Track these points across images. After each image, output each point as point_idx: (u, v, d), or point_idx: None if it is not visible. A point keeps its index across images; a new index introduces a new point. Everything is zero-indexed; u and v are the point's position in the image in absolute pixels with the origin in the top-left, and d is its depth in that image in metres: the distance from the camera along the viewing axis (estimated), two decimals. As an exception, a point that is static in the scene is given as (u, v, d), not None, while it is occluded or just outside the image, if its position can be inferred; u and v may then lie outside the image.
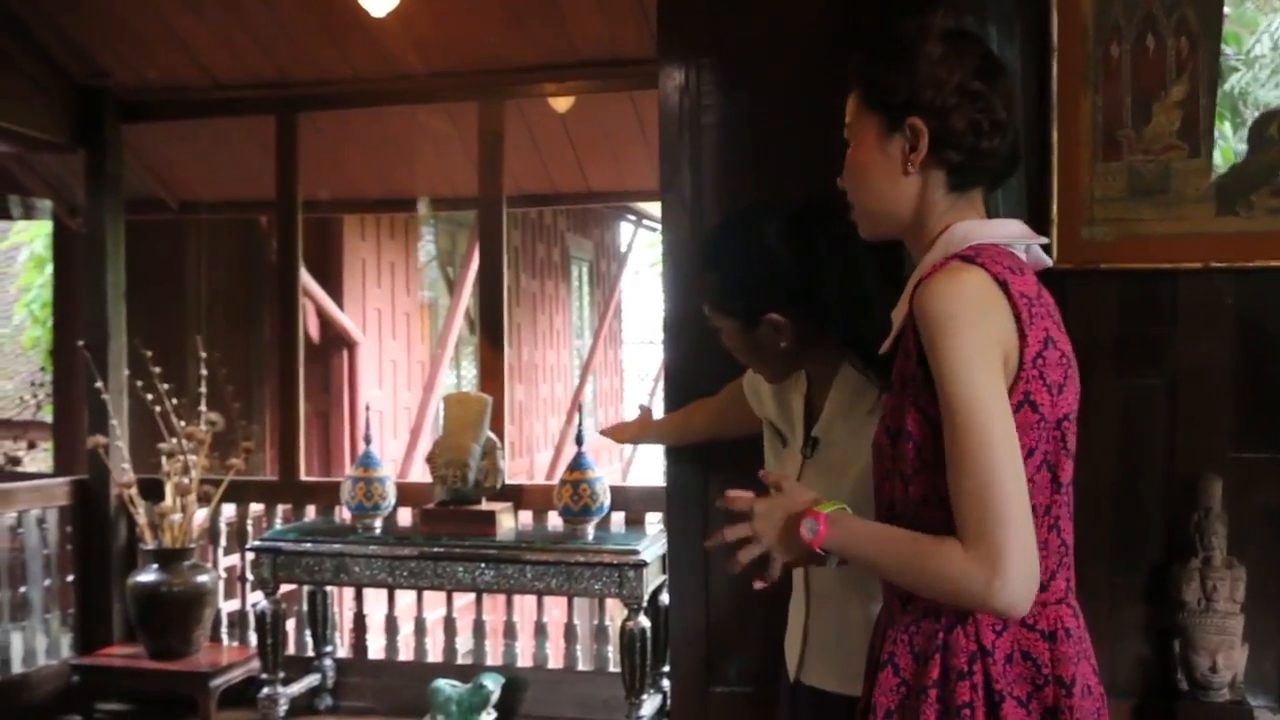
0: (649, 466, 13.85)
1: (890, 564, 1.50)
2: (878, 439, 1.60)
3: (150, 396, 4.59)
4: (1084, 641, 1.56)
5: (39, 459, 9.16)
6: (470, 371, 9.36)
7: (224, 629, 4.82)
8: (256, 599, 4.27)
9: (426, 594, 4.51)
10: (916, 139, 1.58)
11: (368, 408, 4.94)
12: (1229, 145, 2.79)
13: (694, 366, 2.95)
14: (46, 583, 4.74)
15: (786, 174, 2.81)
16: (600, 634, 4.49)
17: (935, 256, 1.57)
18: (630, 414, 2.95)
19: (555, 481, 4.29)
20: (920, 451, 1.49)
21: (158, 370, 4.60)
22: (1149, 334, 2.70)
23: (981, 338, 1.45)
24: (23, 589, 4.66)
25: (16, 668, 4.59)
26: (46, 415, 9.12)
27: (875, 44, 1.66)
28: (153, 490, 4.62)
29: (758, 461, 2.31)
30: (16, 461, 9.57)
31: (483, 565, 3.94)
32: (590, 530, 4.04)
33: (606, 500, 4.07)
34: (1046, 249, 1.67)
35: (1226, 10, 2.69)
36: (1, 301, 11.83)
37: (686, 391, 2.91)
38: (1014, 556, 1.37)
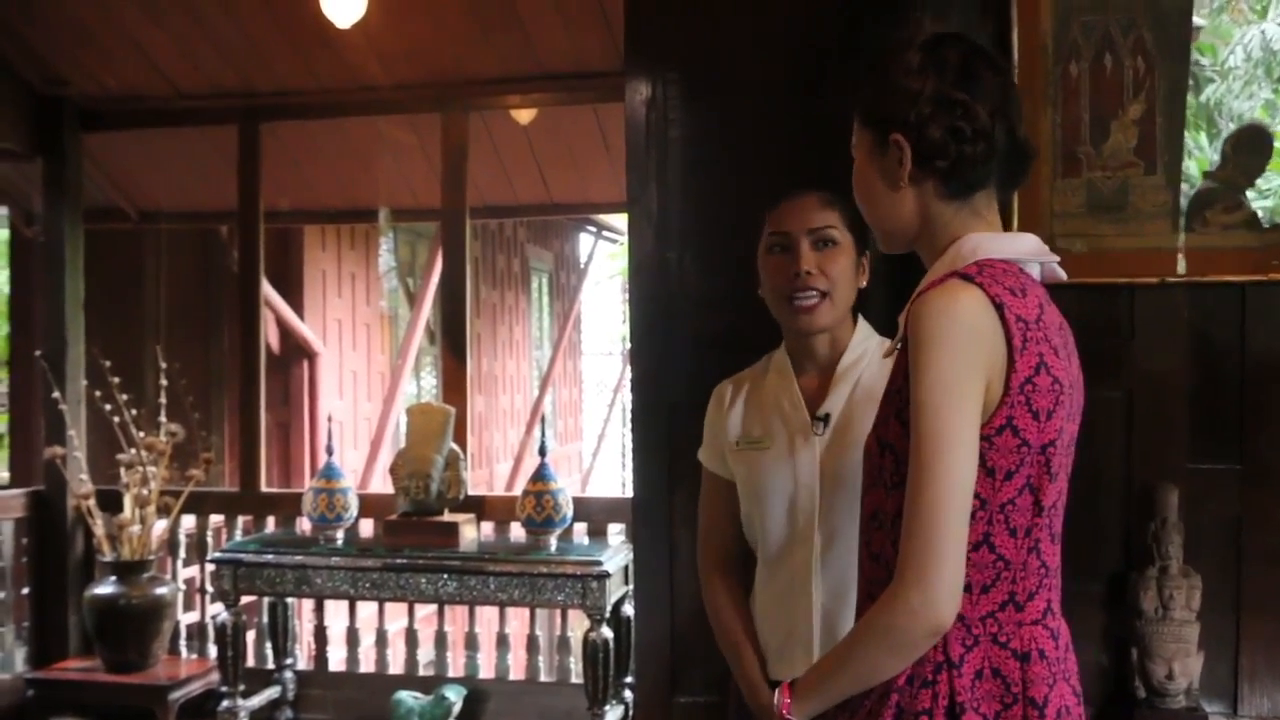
0: (608, 478, 13.88)
1: (850, 669, 1.54)
2: (868, 445, 1.62)
3: (109, 407, 4.54)
4: (1063, 663, 1.56)
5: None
6: (430, 382, 9.33)
7: (183, 641, 4.77)
8: (216, 611, 4.24)
9: (388, 605, 4.49)
10: (900, 153, 1.58)
11: (330, 419, 4.92)
12: (1204, 156, 2.86)
13: (660, 377, 2.98)
14: (1, 595, 4.68)
15: (754, 187, 2.83)
16: (563, 645, 4.49)
17: (941, 269, 1.57)
18: (589, 424, 2.92)
19: (515, 492, 4.28)
20: (900, 467, 1.50)
21: (116, 380, 4.55)
22: (1107, 347, 2.75)
23: (963, 363, 1.45)
24: (-23, 601, 4.60)
25: (-30, 681, 4.53)
26: (1, 425, 9.00)
27: (867, 60, 1.68)
28: (111, 501, 4.57)
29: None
30: (-30, 473, 9.43)
31: (445, 576, 3.94)
32: (553, 541, 4.05)
33: (569, 511, 4.08)
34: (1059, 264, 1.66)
35: (1202, 22, 2.76)
36: (-48, 310, 11.65)
37: (653, 401, 2.94)
38: (939, 575, 1.42)
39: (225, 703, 4.13)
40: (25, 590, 4.80)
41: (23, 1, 4.49)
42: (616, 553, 3.94)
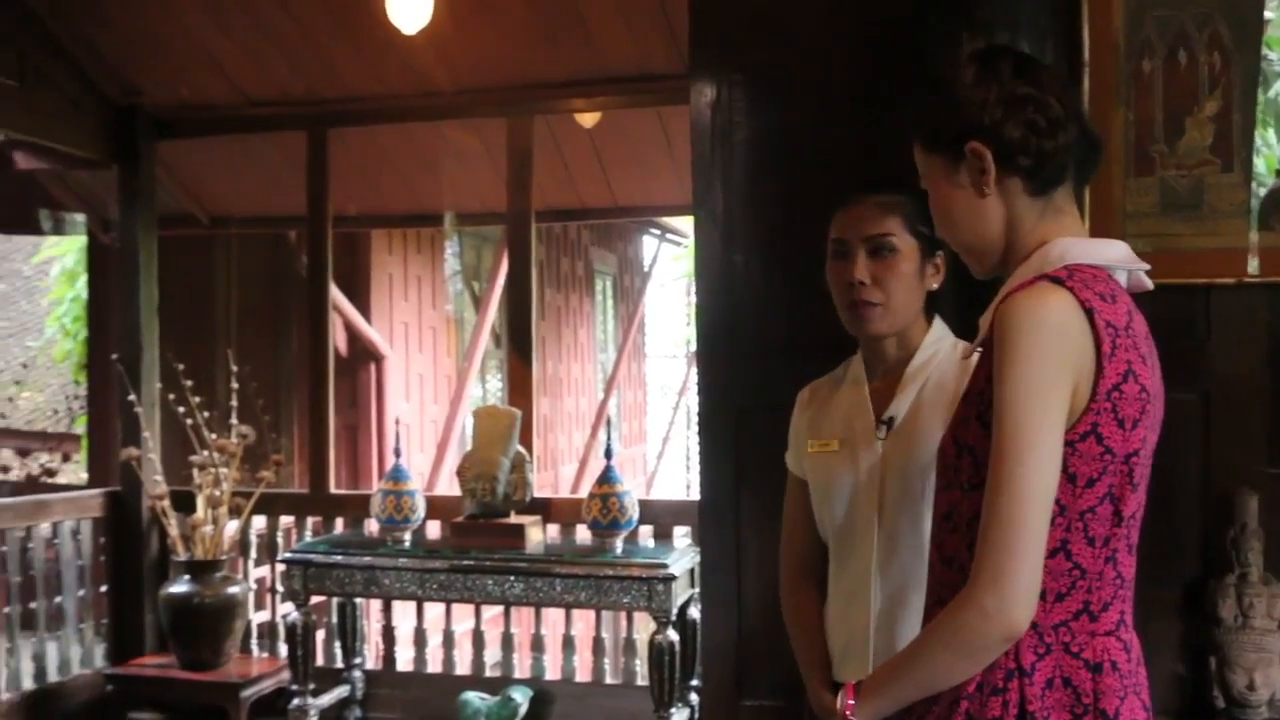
0: (672, 481, 13.87)
1: (918, 671, 1.53)
2: (944, 445, 1.61)
3: (182, 409, 4.64)
4: (1134, 676, 1.54)
5: (70, 471, 9.27)
6: (496, 385, 9.39)
7: (254, 640, 4.85)
8: (287, 610, 4.30)
9: (455, 606, 4.52)
10: (981, 161, 1.58)
11: (397, 421, 4.97)
12: (1273, 153, 2.78)
13: (726, 380, 2.97)
14: (81, 593, 4.79)
15: (818, 190, 2.82)
16: (628, 647, 4.50)
17: (1029, 271, 1.55)
18: (654, 428, 2.91)
19: (580, 495, 4.30)
20: (979, 469, 1.49)
21: (189, 383, 4.64)
22: (1183, 349, 2.68)
23: (1050, 365, 1.44)
24: (58, 599, 4.71)
25: (52, 676, 4.64)
26: (80, 427, 9.21)
27: (916, 91, 1.68)
28: (184, 502, 4.66)
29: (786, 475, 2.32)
30: (51, 473, 9.68)
31: (512, 578, 3.96)
32: (619, 543, 4.05)
33: (635, 514, 4.08)
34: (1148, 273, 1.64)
35: (1270, 15, 2.68)
36: (33, 315, 11.95)
37: (719, 404, 2.93)
38: (1016, 580, 1.40)
39: (295, 701, 4.19)
40: (103, 588, 4.91)
41: (99, 16, 4.60)
42: (682, 555, 3.94)
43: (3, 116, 4.44)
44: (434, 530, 4.52)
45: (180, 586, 4.50)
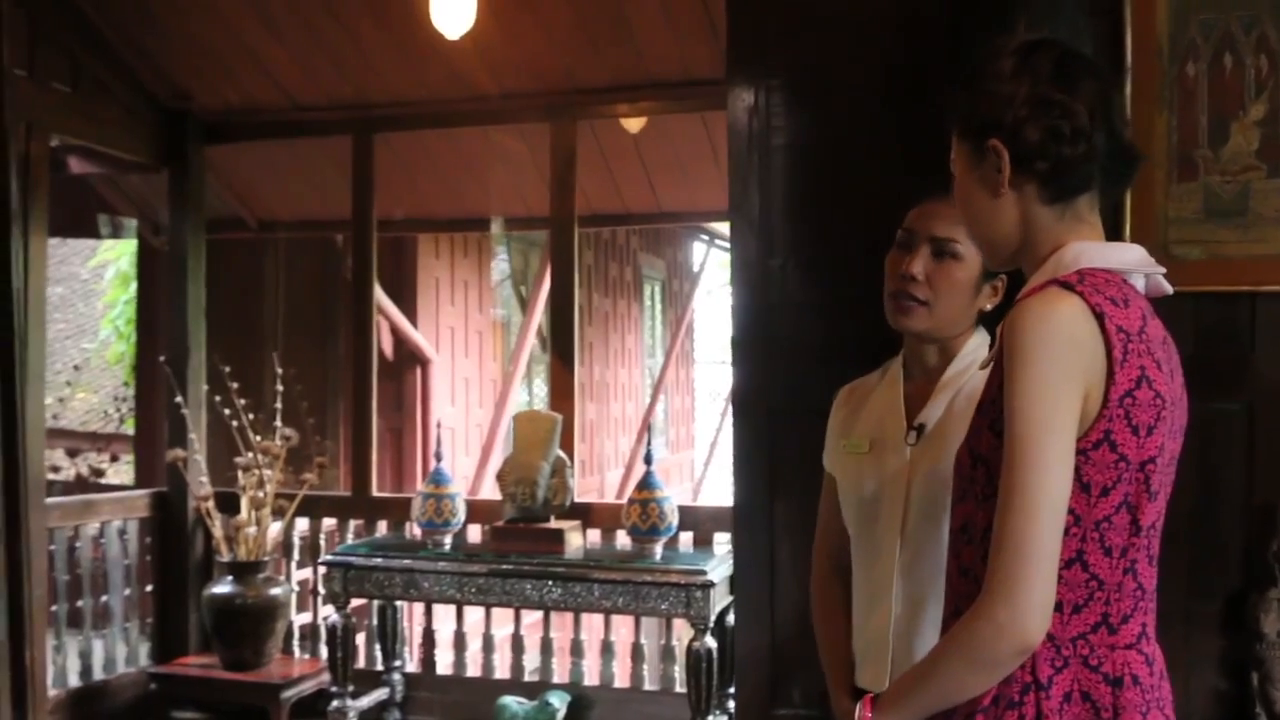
0: (720, 487, 13.85)
1: (933, 685, 1.50)
2: (960, 456, 1.59)
3: (228, 411, 4.69)
4: (1157, 690, 1.50)
5: (121, 471, 9.42)
6: (542, 389, 9.42)
7: (295, 641, 4.89)
8: (328, 612, 4.34)
9: (494, 611, 4.53)
10: (999, 160, 1.55)
11: (439, 425, 4.99)
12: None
13: (761, 384, 2.95)
14: (126, 592, 4.86)
15: (855, 195, 2.81)
16: (667, 654, 4.48)
17: (1041, 277, 1.53)
18: (701, 433, 2.91)
19: (623, 500, 4.30)
20: (992, 479, 1.46)
21: (235, 386, 4.70)
22: (1226, 357, 2.64)
23: (1060, 371, 1.41)
24: (104, 598, 4.78)
25: (98, 674, 4.71)
26: (129, 429, 9.35)
27: (958, 73, 1.65)
28: (229, 503, 4.71)
29: (821, 483, 2.31)
30: (100, 473, 9.85)
31: (551, 583, 3.96)
32: (658, 550, 4.04)
33: (675, 520, 4.06)
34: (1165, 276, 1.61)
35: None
36: (88, 318, 12.17)
37: (754, 408, 2.91)
38: (1028, 591, 1.38)
39: (335, 703, 4.21)
40: (149, 588, 4.98)
41: (150, 22, 4.66)
42: (721, 562, 3.92)
43: (57, 121, 4.50)
44: (475, 534, 4.53)
45: (223, 587, 4.55)
